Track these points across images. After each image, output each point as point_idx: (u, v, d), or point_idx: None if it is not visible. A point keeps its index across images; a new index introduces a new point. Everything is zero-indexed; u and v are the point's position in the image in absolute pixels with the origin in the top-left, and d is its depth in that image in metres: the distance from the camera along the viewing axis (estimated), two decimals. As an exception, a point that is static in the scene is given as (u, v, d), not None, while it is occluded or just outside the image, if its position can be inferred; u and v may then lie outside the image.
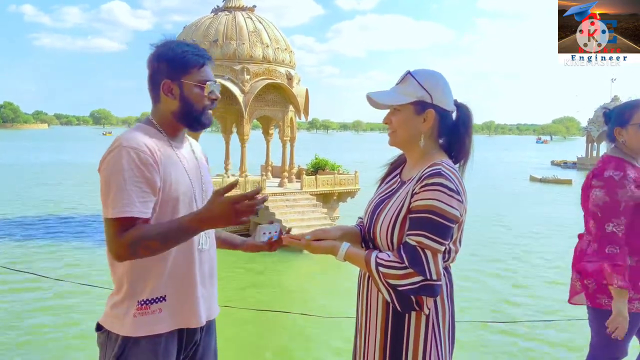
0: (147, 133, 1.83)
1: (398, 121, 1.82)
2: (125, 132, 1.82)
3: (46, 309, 10.15)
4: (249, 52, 17.68)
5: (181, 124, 1.90)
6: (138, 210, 1.70)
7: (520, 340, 8.88)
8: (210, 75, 1.90)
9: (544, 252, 15.96)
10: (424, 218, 1.68)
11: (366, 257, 1.74)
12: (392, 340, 1.78)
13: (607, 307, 2.74)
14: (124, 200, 1.69)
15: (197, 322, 1.89)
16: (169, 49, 1.85)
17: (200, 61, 1.86)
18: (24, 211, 21.55)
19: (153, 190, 1.74)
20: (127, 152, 1.72)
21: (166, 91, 1.85)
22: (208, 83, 1.87)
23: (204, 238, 1.93)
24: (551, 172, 43.50)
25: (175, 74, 1.84)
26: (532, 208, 25.24)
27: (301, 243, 1.83)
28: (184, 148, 1.95)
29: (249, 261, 14.66)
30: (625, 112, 2.82)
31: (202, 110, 1.88)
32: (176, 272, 1.84)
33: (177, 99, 1.85)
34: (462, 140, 1.85)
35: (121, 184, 1.69)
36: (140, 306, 1.80)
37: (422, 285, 1.66)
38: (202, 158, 2.06)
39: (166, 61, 1.84)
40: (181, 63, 1.84)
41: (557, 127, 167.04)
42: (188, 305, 1.87)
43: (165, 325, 1.82)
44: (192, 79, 1.85)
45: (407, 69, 1.85)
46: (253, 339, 8.76)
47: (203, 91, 1.86)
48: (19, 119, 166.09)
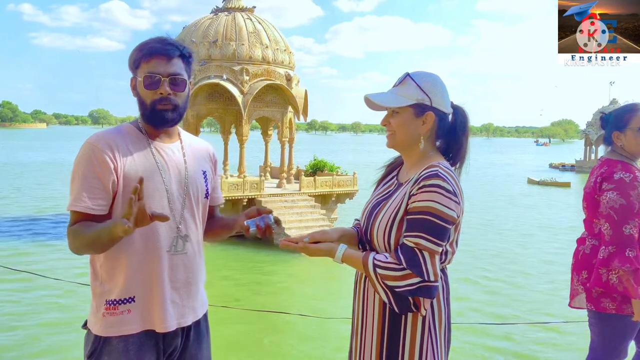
0: (123, 132, 1.83)
1: (397, 123, 1.83)
2: (103, 130, 1.87)
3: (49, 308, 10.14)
4: (248, 53, 17.68)
5: (144, 121, 1.86)
6: (85, 205, 1.72)
7: (516, 342, 8.88)
8: (161, 68, 1.78)
9: (540, 255, 15.97)
10: (422, 219, 1.68)
11: (363, 258, 1.74)
12: (388, 341, 1.78)
13: (611, 312, 2.74)
14: (74, 195, 1.74)
15: (163, 327, 1.82)
16: (138, 45, 1.84)
17: (147, 52, 1.79)
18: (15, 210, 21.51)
19: (105, 187, 1.74)
20: (86, 149, 1.76)
21: (132, 88, 1.86)
22: (149, 75, 1.77)
23: (179, 241, 1.86)
24: (549, 174, 43.53)
25: (133, 69, 1.83)
26: (529, 211, 25.25)
27: (298, 246, 1.82)
28: (169, 148, 1.89)
29: (247, 262, 14.66)
30: (623, 116, 2.82)
31: (151, 106, 1.80)
32: (143, 274, 1.80)
33: (137, 96, 1.85)
34: (459, 142, 1.86)
35: (74, 179, 1.75)
36: (109, 306, 1.78)
37: (419, 286, 1.66)
38: (204, 163, 2.00)
39: (128, 59, 1.84)
40: (134, 57, 1.82)
41: (556, 130, 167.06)
42: (156, 309, 1.81)
43: (134, 327, 1.79)
44: (140, 73, 1.81)
45: (406, 71, 1.86)
46: (250, 339, 8.76)
47: (149, 87, 1.79)
48: (17, 118, 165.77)
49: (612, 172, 2.74)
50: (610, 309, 2.75)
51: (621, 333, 2.79)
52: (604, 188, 2.73)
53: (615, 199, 2.68)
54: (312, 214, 17.31)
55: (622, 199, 2.66)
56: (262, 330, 9.30)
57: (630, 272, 2.60)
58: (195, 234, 1.93)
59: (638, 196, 2.65)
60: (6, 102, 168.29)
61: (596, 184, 2.79)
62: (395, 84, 1.86)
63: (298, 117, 18.90)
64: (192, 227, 1.91)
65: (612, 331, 2.81)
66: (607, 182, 2.73)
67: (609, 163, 2.81)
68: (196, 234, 1.93)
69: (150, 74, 1.78)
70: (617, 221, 2.65)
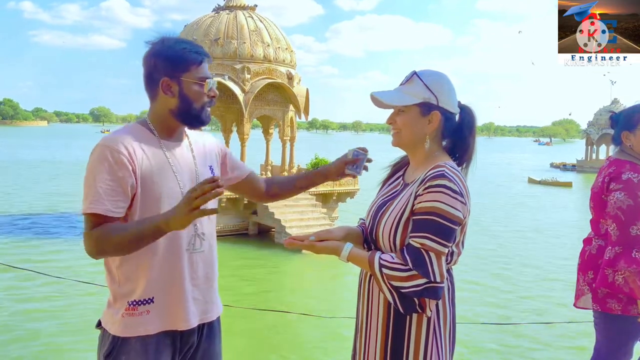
0: (133, 133, 1.82)
1: (403, 122, 1.82)
2: (114, 131, 1.84)
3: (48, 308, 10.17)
4: (249, 51, 17.67)
5: (179, 121, 1.88)
6: (106, 208, 1.70)
7: (520, 342, 8.88)
8: (208, 72, 1.89)
9: (546, 255, 15.96)
10: (428, 220, 1.67)
11: (370, 258, 1.74)
12: (393, 341, 1.78)
13: (616, 312, 2.73)
14: (93, 197, 1.70)
15: (186, 325, 1.86)
16: (167, 47, 1.83)
17: (199, 58, 1.84)
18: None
19: (124, 190, 1.74)
20: (102, 151, 1.73)
21: (165, 89, 1.83)
22: (207, 81, 1.85)
23: (197, 240, 1.90)
24: (550, 174, 43.47)
25: (174, 72, 1.82)
26: (531, 210, 25.23)
27: (305, 244, 1.82)
28: (179, 147, 1.92)
29: (249, 260, 14.66)
30: (634, 116, 2.81)
31: (202, 108, 1.86)
32: (164, 274, 1.82)
33: (176, 96, 1.83)
34: (466, 142, 1.85)
35: (92, 182, 1.71)
36: (129, 307, 1.80)
37: (425, 287, 1.66)
38: (205, 153, 2.02)
39: (164, 59, 1.82)
40: (180, 60, 1.82)
41: (557, 129, 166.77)
42: (177, 308, 1.84)
43: (153, 327, 1.81)
44: (192, 77, 1.83)
45: (413, 69, 1.84)
46: (252, 339, 8.76)
47: (202, 88, 1.85)
48: (18, 116, 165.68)
49: (620, 172, 2.71)
50: (616, 309, 2.74)
51: (626, 334, 2.78)
52: (612, 188, 2.71)
53: (623, 199, 2.65)
54: (313, 212, 17.32)
55: (629, 199, 2.63)
56: (264, 329, 9.31)
57: (636, 273, 2.58)
58: (209, 230, 1.96)
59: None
60: (7, 100, 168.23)
61: (604, 183, 2.77)
62: (402, 82, 1.84)
63: (299, 115, 18.88)
64: (206, 224, 1.95)
65: (617, 332, 2.80)
66: (615, 182, 2.71)
67: (617, 163, 2.79)
68: (210, 230, 1.97)
69: (205, 77, 1.85)
70: (624, 222, 2.63)
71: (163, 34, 1.90)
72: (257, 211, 17.29)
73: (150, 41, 1.87)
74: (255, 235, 17.44)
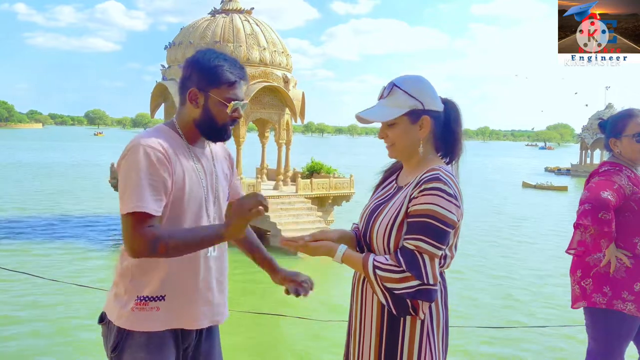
0: (165, 135, 1.86)
1: (395, 134, 1.82)
2: (144, 131, 1.88)
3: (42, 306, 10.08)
4: (245, 55, 17.67)
5: (200, 132, 1.92)
6: (151, 207, 1.73)
7: (514, 346, 8.86)
8: (240, 94, 1.90)
9: (537, 260, 15.98)
10: (423, 222, 1.68)
11: (364, 259, 1.74)
12: (386, 344, 1.78)
13: (601, 306, 2.77)
14: (138, 195, 1.72)
15: (195, 325, 1.92)
16: (206, 59, 1.87)
17: (232, 79, 1.87)
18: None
19: (165, 190, 1.78)
20: (144, 150, 1.75)
21: (191, 99, 1.88)
22: (233, 103, 1.87)
23: (214, 246, 1.94)
24: (545, 178, 43.62)
25: (204, 85, 1.86)
26: (527, 214, 25.29)
27: (299, 244, 1.82)
28: (203, 154, 1.97)
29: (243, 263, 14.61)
30: (618, 123, 2.85)
31: (222, 126, 1.90)
32: (179, 275, 1.86)
33: (200, 108, 1.88)
34: (454, 136, 1.87)
35: (136, 181, 1.73)
36: (139, 302, 1.84)
37: (418, 289, 1.66)
38: (224, 165, 2.08)
39: (199, 70, 1.86)
40: (212, 76, 1.85)
41: (551, 134, 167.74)
42: (187, 308, 1.89)
43: (159, 324, 1.85)
44: (220, 95, 1.86)
45: (390, 81, 1.85)
46: (247, 342, 8.73)
47: (226, 108, 1.87)
48: (13, 118, 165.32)
49: (600, 167, 2.87)
50: (600, 303, 2.77)
51: (614, 331, 2.80)
52: (592, 181, 2.83)
53: (597, 180, 2.79)
54: (309, 216, 17.29)
55: (601, 177, 2.78)
56: (258, 332, 9.28)
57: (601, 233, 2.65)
58: None
59: (620, 181, 2.72)
60: (2, 102, 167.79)
61: (587, 183, 2.86)
62: (383, 96, 1.84)
63: (295, 119, 18.90)
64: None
65: (605, 329, 2.81)
66: (594, 176, 2.85)
67: (607, 165, 2.86)
68: None
69: (234, 99, 1.88)
70: (595, 188, 2.71)
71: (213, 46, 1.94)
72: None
73: (200, 49, 1.94)
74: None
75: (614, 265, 2.72)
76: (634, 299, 2.72)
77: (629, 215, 2.73)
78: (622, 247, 2.74)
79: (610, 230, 2.63)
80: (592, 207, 2.64)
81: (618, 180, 2.72)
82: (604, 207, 2.61)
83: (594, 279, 2.80)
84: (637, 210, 2.72)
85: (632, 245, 2.74)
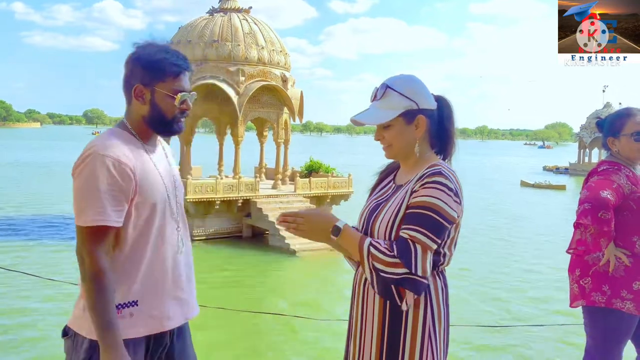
0: (120, 138, 1.81)
1: (391, 136, 1.83)
2: (100, 137, 1.80)
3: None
4: (244, 54, 17.66)
5: (151, 129, 1.89)
6: (112, 219, 1.70)
7: (511, 345, 8.87)
8: (186, 85, 1.87)
9: (535, 259, 15.99)
10: (422, 214, 1.68)
11: (362, 236, 1.73)
12: (388, 344, 1.77)
13: (600, 305, 2.78)
14: (98, 208, 1.68)
15: (170, 324, 1.88)
16: (147, 54, 1.82)
17: (176, 70, 1.83)
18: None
19: (127, 199, 1.74)
20: (101, 160, 1.70)
21: (137, 95, 1.83)
22: (180, 94, 1.84)
23: (179, 243, 1.93)
24: (543, 177, 43.65)
25: (149, 80, 1.82)
26: (525, 213, 25.31)
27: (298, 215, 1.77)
28: (157, 152, 1.94)
29: (243, 263, 14.61)
30: (616, 122, 2.86)
31: (172, 119, 1.87)
32: (150, 278, 1.82)
33: (147, 104, 1.84)
34: (448, 133, 1.88)
35: (95, 193, 1.68)
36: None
37: (404, 277, 1.65)
38: (172, 157, 2.06)
39: (142, 66, 1.82)
40: (156, 70, 1.81)
41: (550, 133, 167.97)
42: (160, 310, 1.85)
43: (135, 331, 1.79)
44: (165, 88, 1.83)
45: (383, 82, 1.84)
46: (245, 341, 8.72)
47: (174, 101, 1.84)
48: (11, 118, 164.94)
49: (599, 166, 2.86)
50: (599, 302, 2.78)
51: (613, 330, 2.80)
52: (591, 180, 2.82)
53: (596, 179, 2.78)
54: (307, 215, 17.27)
55: (600, 176, 2.78)
56: (257, 331, 9.28)
57: (600, 233, 2.64)
58: (186, 232, 2.00)
59: (619, 180, 2.72)
60: (0, 101, 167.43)
61: (585, 182, 2.86)
62: (377, 98, 1.84)
63: (294, 118, 18.89)
64: (184, 226, 1.99)
65: (603, 327, 2.82)
66: (593, 175, 2.85)
67: (605, 164, 2.87)
68: (186, 232, 2.01)
69: (180, 91, 1.84)
70: (594, 187, 2.71)
71: (154, 37, 1.90)
72: (250, 214, 17.23)
73: (137, 43, 1.87)
74: (250, 238, 17.39)
75: (613, 264, 2.73)
76: (633, 297, 2.73)
77: (628, 215, 2.73)
78: (621, 246, 2.75)
79: (609, 229, 2.64)
80: (591, 206, 2.64)
81: (617, 179, 2.73)
82: (603, 206, 2.62)
83: (593, 277, 2.81)
84: (636, 209, 2.72)
85: (631, 244, 2.75)
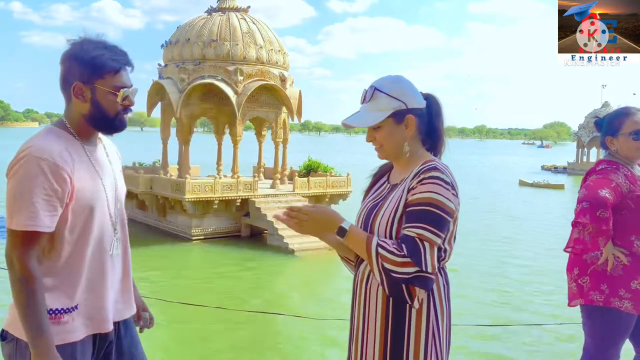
0: (57, 138, 1.76)
1: (382, 137, 1.85)
2: (36, 136, 1.75)
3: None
4: (242, 53, 17.64)
5: (92, 127, 1.84)
6: (44, 224, 1.65)
7: (509, 344, 8.88)
8: (127, 80, 1.83)
9: (533, 258, 16.01)
10: (423, 211, 1.70)
11: (368, 236, 1.75)
12: (392, 342, 1.78)
13: (598, 304, 2.78)
14: (30, 212, 1.63)
15: (107, 327, 1.87)
16: (84, 50, 1.76)
17: (116, 66, 1.79)
18: None
19: (61, 203, 1.69)
20: (37, 162, 1.65)
21: (77, 94, 1.78)
22: (122, 90, 1.80)
23: (115, 244, 1.90)
24: (541, 176, 43.68)
25: (88, 78, 1.76)
26: (525, 212, 25.33)
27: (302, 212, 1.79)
28: (98, 151, 1.89)
29: (242, 262, 14.60)
30: (614, 121, 2.87)
31: (115, 116, 1.82)
32: (89, 281, 1.80)
33: (87, 102, 1.79)
34: (438, 131, 1.91)
35: (28, 196, 1.63)
36: (53, 315, 1.73)
37: (415, 275, 1.68)
38: (116, 160, 2.01)
39: (79, 63, 1.76)
40: (95, 67, 1.76)
41: (548, 132, 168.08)
42: (99, 312, 1.84)
43: (77, 334, 1.78)
44: (106, 85, 1.78)
45: (371, 85, 1.87)
46: (246, 341, 8.72)
47: (116, 97, 1.80)
48: (9, 117, 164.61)
49: (597, 165, 2.88)
50: (598, 301, 2.79)
51: (611, 329, 2.82)
52: (589, 179, 2.83)
53: (594, 178, 2.79)
54: (306, 214, 17.28)
55: (599, 174, 2.78)
56: (257, 331, 9.27)
57: (599, 231, 2.65)
58: (124, 233, 1.98)
59: (618, 179, 2.72)
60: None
61: (584, 181, 2.87)
62: (366, 99, 1.87)
63: (292, 117, 18.88)
64: (121, 227, 1.96)
65: (601, 326, 2.83)
66: (591, 174, 2.85)
67: (604, 163, 2.87)
68: (124, 233, 1.98)
69: (122, 87, 1.80)
70: (593, 187, 2.72)
71: (87, 32, 1.83)
72: (249, 213, 17.22)
73: (72, 40, 1.80)
74: (248, 238, 17.38)
75: (611, 263, 2.74)
76: (631, 296, 2.74)
77: (626, 213, 2.74)
78: (619, 245, 2.75)
79: (608, 228, 2.65)
80: (590, 205, 2.65)
81: (615, 178, 2.73)
82: (602, 205, 2.63)
83: (591, 276, 2.82)
84: (634, 208, 2.73)
85: (629, 243, 2.75)
